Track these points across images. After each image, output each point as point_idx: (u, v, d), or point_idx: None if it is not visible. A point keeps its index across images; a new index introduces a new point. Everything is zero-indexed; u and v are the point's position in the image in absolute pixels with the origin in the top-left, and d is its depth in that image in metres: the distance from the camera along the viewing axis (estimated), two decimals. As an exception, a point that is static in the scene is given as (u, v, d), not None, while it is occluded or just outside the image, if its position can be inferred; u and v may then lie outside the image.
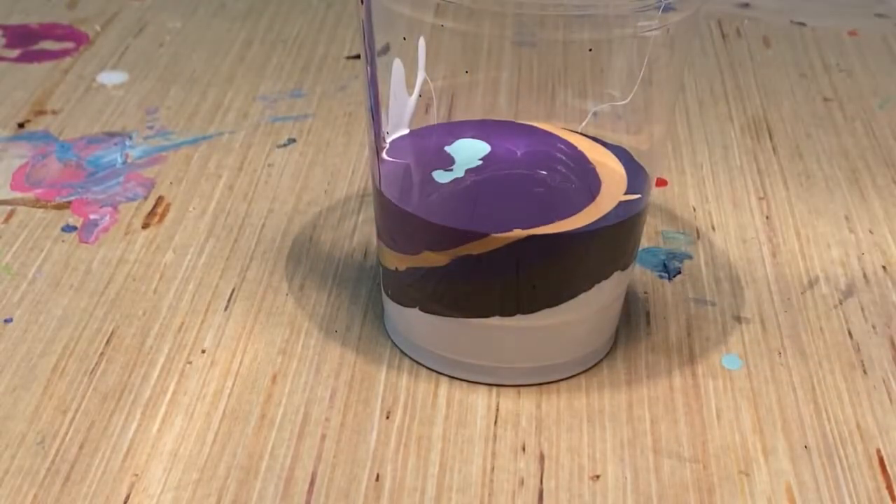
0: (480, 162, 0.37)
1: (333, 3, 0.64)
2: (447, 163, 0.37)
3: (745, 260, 0.44)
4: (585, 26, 0.34)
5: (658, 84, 0.36)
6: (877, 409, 0.38)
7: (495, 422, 0.37)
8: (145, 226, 0.45)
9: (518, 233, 0.35)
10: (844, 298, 0.43)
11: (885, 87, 0.57)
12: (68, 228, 0.45)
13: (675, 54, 0.36)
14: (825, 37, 0.62)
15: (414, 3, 0.34)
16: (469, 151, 0.38)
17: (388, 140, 0.38)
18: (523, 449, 0.36)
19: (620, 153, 0.38)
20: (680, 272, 0.44)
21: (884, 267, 0.44)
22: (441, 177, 0.37)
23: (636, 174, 0.37)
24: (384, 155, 0.37)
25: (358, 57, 0.58)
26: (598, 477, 0.35)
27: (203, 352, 0.39)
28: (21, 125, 0.51)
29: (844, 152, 0.52)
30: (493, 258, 0.35)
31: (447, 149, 0.38)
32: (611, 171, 0.37)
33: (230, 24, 0.61)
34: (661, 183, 0.48)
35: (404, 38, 0.35)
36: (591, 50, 0.35)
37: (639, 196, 0.37)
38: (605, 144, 0.38)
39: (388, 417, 0.37)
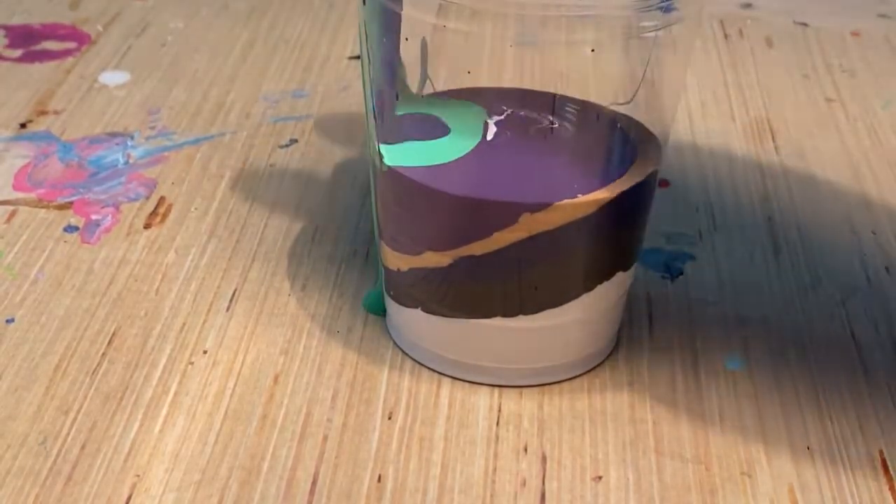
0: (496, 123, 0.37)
1: (335, 3, 0.64)
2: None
3: (748, 261, 0.44)
4: (587, 27, 0.34)
5: (660, 84, 0.36)
6: (879, 411, 0.38)
7: (497, 423, 0.37)
8: (147, 226, 0.45)
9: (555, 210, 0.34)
10: (847, 299, 0.42)
11: (888, 88, 0.57)
12: (70, 229, 0.45)
13: (678, 55, 0.36)
14: (828, 37, 0.62)
15: (415, 3, 0.34)
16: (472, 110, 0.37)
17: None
18: (525, 450, 0.36)
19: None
20: (682, 273, 0.43)
21: (886, 268, 0.44)
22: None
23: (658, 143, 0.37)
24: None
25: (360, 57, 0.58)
26: (600, 478, 0.35)
27: (205, 352, 0.39)
28: (23, 125, 0.51)
29: (847, 153, 0.52)
30: (495, 259, 0.35)
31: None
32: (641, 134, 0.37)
33: (232, 24, 0.61)
34: (664, 184, 0.48)
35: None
36: (593, 50, 0.35)
37: (657, 168, 0.37)
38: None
39: (389, 418, 0.37)
